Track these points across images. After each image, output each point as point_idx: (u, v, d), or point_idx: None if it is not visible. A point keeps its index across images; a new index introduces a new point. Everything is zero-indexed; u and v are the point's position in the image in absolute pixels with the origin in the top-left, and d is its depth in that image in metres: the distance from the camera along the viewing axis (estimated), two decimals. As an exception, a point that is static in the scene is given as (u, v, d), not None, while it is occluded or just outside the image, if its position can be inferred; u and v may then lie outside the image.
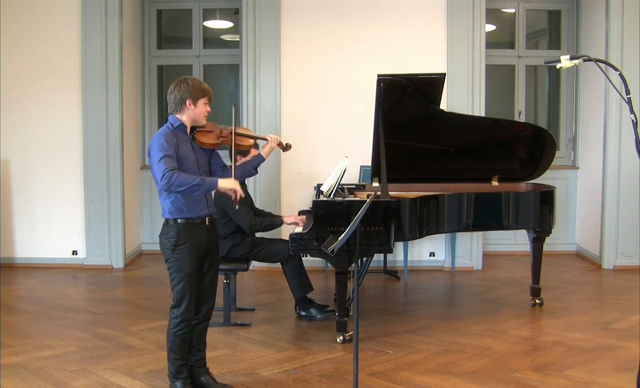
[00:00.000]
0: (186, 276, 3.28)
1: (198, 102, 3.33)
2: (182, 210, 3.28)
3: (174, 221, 3.30)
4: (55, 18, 6.49)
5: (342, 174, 4.54)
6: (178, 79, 3.37)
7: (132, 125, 7.00)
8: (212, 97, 3.43)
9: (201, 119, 3.40)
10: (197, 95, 3.32)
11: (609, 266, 6.52)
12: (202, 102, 3.36)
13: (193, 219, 3.31)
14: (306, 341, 4.45)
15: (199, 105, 3.34)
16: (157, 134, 3.27)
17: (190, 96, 3.30)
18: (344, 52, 6.48)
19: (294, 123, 6.50)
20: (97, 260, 6.59)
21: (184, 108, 3.32)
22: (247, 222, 4.67)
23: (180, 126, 3.35)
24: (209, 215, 3.40)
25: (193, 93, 3.31)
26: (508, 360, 4.02)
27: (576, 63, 2.85)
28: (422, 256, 6.64)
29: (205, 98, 3.37)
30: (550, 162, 5.30)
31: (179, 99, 3.31)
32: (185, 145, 3.33)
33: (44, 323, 4.79)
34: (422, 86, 4.77)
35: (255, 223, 4.70)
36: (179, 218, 3.29)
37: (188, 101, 3.31)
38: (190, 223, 3.30)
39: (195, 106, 3.33)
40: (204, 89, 3.36)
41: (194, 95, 3.31)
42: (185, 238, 3.28)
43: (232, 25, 7.41)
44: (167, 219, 3.32)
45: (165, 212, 3.32)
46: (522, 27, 7.28)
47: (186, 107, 3.32)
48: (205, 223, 3.37)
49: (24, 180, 6.64)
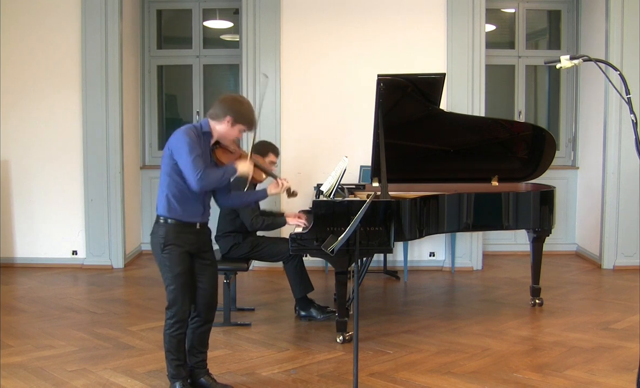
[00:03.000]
0: (177, 276, 3.28)
1: (236, 126, 3.34)
2: (177, 212, 3.29)
3: (164, 220, 3.31)
4: (55, 18, 6.49)
5: (342, 174, 4.53)
6: (236, 95, 3.43)
7: (132, 125, 7.00)
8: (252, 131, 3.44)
9: (229, 140, 3.41)
10: (241, 120, 3.33)
11: (609, 266, 6.53)
12: (239, 129, 3.36)
13: (183, 222, 3.31)
14: (306, 341, 4.45)
15: (235, 128, 3.35)
16: (183, 131, 3.24)
17: (234, 115, 3.30)
18: (344, 52, 6.48)
19: (294, 123, 6.50)
20: (97, 260, 6.59)
21: (222, 121, 3.32)
22: (250, 220, 4.67)
23: (207, 133, 3.35)
24: (202, 221, 3.40)
25: (238, 116, 3.31)
26: (508, 360, 4.02)
27: (576, 63, 2.85)
28: (422, 256, 6.64)
29: (245, 127, 3.37)
30: (550, 162, 5.30)
31: (224, 111, 3.31)
32: (205, 153, 3.33)
33: (44, 323, 4.79)
34: (422, 86, 4.77)
35: (258, 221, 4.69)
36: (170, 217, 3.29)
37: (229, 118, 3.31)
38: (180, 224, 3.30)
39: (232, 126, 3.33)
40: (250, 119, 3.37)
41: (238, 117, 3.31)
42: (174, 238, 3.29)
43: (232, 25, 7.41)
44: (159, 216, 3.33)
45: (159, 207, 3.33)
46: (522, 27, 7.28)
47: (224, 121, 3.32)
48: (195, 227, 3.37)
49: (24, 180, 6.64)
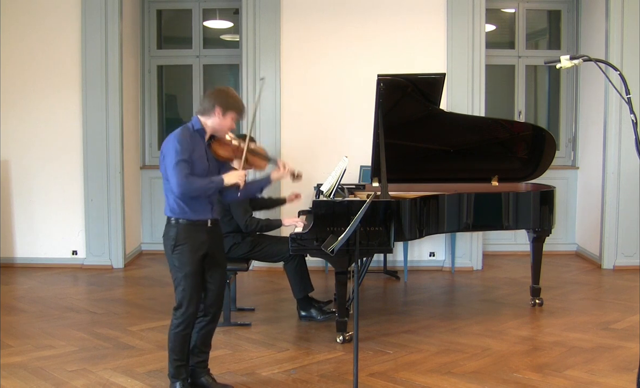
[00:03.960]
0: (186, 276, 3.27)
1: (227, 114, 3.32)
2: (185, 211, 3.27)
3: (175, 221, 3.29)
4: (55, 18, 6.49)
5: (342, 174, 4.53)
6: (220, 86, 3.40)
7: (132, 125, 7.00)
8: (243, 117, 3.43)
9: (224, 131, 3.39)
10: (230, 107, 3.32)
11: (609, 266, 6.52)
12: (231, 117, 3.34)
13: (193, 221, 3.30)
14: (306, 341, 4.45)
15: (227, 117, 3.33)
16: (173, 134, 3.25)
17: (222, 105, 3.29)
18: (344, 52, 6.48)
19: (294, 123, 6.50)
20: (97, 260, 6.59)
21: (212, 114, 3.31)
22: (244, 221, 4.66)
23: (200, 130, 3.34)
24: (212, 218, 3.38)
25: (227, 104, 3.31)
26: (508, 360, 4.02)
27: (576, 63, 2.85)
28: (422, 256, 6.64)
29: (236, 114, 3.36)
30: (550, 162, 5.30)
31: (211, 103, 3.30)
32: (200, 150, 3.31)
33: (44, 323, 4.79)
34: (422, 86, 4.77)
35: (252, 223, 4.68)
36: (180, 218, 3.28)
37: (218, 109, 3.30)
38: (191, 223, 3.29)
39: (223, 116, 3.32)
40: (238, 105, 3.36)
41: (227, 105, 3.31)
42: (185, 239, 3.27)
43: (232, 25, 7.41)
44: (169, 217, 3.32)
45: (168, 209, 3.32)
46: (522, 27, 7.27)
47: (214, 114, 3.31)
48: (206, 225, 3.36)
49: (24, 180, 6.64)
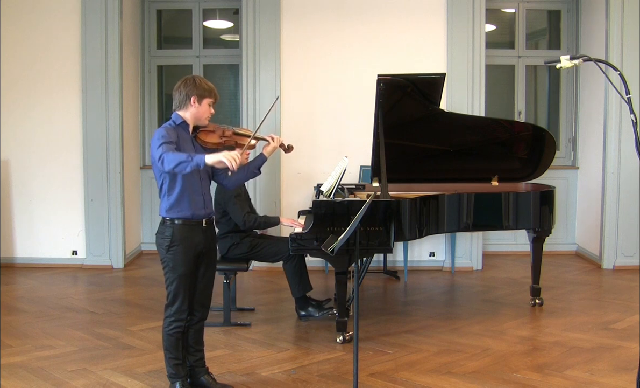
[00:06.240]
0: (180, 276, 3.28)
1: (203, 101, 3.35)
2: (179, 209, 3.26)
3: (171, 221, 3.28)
4: (55, 18, 6.49)
5: (342, 174, 4.53)
6: (185, 76, 3.39)
7: (132, 125, 7.00)
8: (218, 100, 3.45)
9: (204, 119, 3.41)
10: (203, 94, 3.34)
11: (609, 266, 6.52)
12: (207, 102, 3.37)
13: (189, 220, 3.29)
14: (306, 341, 4.45)
15: (203, 104, 3.36)
16: (157, 131, 3.24)
17: (195, 93, 3.32)
18: (344, 52, 6.48)
19: (294, 123, 6.50)
20: (97, 260, 6.59)
21: (188, 105, 3.33)
22: (242, 218, 4.65)
23: (182, 124, 3.35)
24: (207, 216, 3.38)
25: (199, 91, 3.33)
26: (508, 360, 4.02)
27: (576, 63, 2.85)
28: (422, 256, 6.64)
29: (210, 99, 3.38)
30: (550, 162, 5.30)
31: (184, 96, 3.32)
32: (187, 143, 3.32)
33: (44, 323, 4.79)
34: (422, 86, 4.77)
35: (250, 219, 4.66)
36: (176, 217, 3.27)
37: (193, 98, 3.32)
38: (187, 223, 3.28)
39: (199, 104, 3.34)
40: (209, 88, 3.38)
41: (199, 93, 3.33)
42: (181, 239, 3.26)
43: (232, 25, 7.41)
44: (164, 218, 3.31)
45: (162, 210, 3.31)
46: (522, 27, 7.27)
47: (190, 104, 3.33)
48: (202, 224, 3.35)
49: (24, 180, 6.64)
